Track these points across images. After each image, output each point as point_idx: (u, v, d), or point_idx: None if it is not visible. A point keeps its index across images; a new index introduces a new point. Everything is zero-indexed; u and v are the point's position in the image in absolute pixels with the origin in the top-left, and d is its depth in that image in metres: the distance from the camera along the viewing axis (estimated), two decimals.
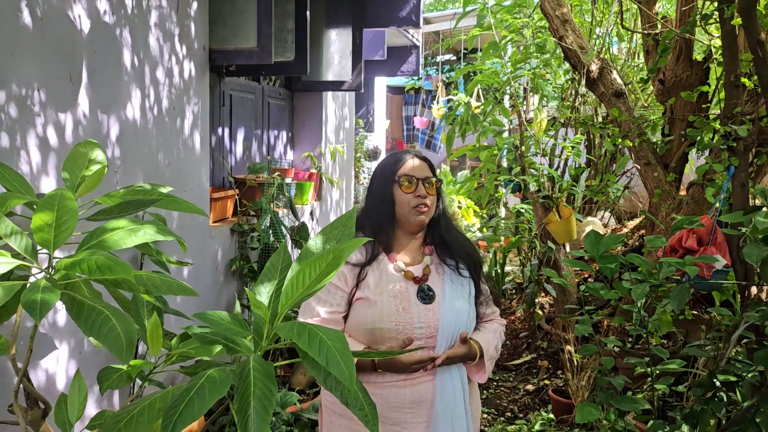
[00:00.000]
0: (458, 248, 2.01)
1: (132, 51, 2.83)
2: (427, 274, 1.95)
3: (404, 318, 1.86)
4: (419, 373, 1.88)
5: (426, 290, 1.92)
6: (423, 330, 1.87)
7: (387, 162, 2.03)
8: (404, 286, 1.91)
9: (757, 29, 2.44)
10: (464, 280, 1.98)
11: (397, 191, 1.95)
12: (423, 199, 1.94)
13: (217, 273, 3.71)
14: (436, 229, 2.02)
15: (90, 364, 2.59)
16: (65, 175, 1.88)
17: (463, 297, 1.95)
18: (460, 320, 1.91)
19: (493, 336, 2.02)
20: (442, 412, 1.88)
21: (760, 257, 1.82)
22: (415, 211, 1.94)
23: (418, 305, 1.89)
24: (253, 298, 1.46)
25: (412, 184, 1.94)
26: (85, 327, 1.33)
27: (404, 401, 1.88)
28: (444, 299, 1.91)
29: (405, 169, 1.97)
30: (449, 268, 1.98)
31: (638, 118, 3.91)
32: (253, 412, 1.26)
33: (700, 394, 2.23)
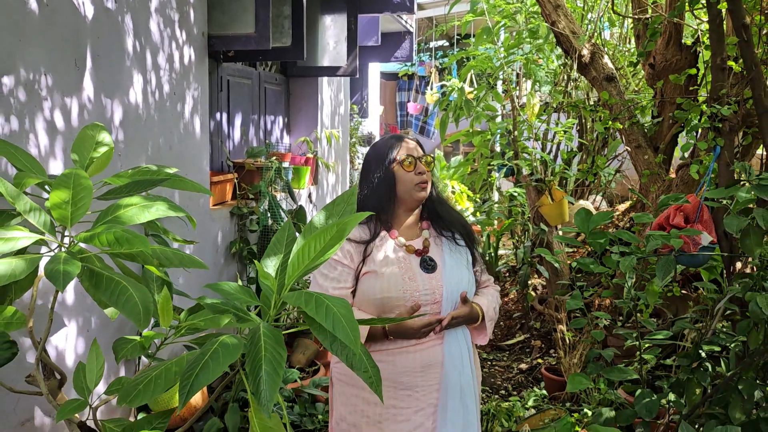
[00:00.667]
0: (452, 220, 2.15)
1: (134, 37, 2.89)
2: (427, 246, 2.07)
3: (411, 286, 1.97)
4: (428, 338, 2.00)
5: (428, 261, 2.04)
6: (428, 296, 1.98)
7: (383, 146, 2.12)
8: (406, 258, 2.03)
9: (742, 13, 2.52)
10: (461, 248, 2.12)
11: (399, 171, 2.05)
12: (423, 175, 2.05)
13: (217, 255, 3.78)
14: (431, 205, 2.14)
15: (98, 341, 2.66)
16: (74, 156, 1.95)
17: (462, 264, 2.08)
18: (462, 285, 2.04)
19: (492, 299, 2.15)
20: (451, 374, 2.01)
21: (739, 227, 1.91)
22: (418, 188, 2.05)
23: (422, 274, 2.00)
24: (262, 269, 1.54)
25: (411, 164, 2.05)
26: (104, 296, 1.41)
27: (415, 365, 1.99)
28: (445, 267, 2.04)
29: (405, 150, 2.08)
30: (446, 239, 2.11)
31: (628, 101, 3.99)
32: (265, 374, 1.34)
33: (687, 364, 2.33)
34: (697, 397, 2.29)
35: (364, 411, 2.02)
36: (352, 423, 2.05)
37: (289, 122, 5.51)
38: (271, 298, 1.53)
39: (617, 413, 2.33)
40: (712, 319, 2.48)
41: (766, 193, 1.88)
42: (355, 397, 2.04)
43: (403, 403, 1.99)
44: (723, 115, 2.49)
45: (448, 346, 2.02)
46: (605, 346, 3.84)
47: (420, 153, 2.10)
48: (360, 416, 2.03)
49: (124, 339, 1.70)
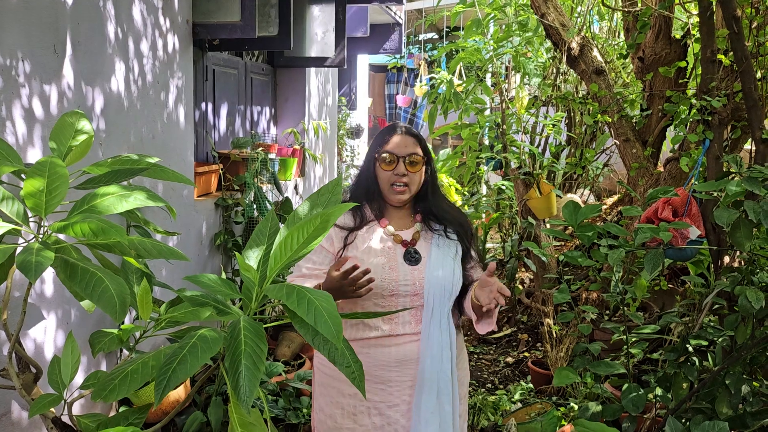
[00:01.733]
0: (449, 218, 2.04)
1: (116, 23, 2.83)
2: (416, 239, 2.00)
3: (390, 275, 1.91)
4: (405, 333, 1.94)
5: (412, 253, 1.96)
6: (408, 287, 1.92)
7: (379, 135, 2.06)
8: (392, 248, 1.96)
9: (733, 5, 2.50)
10: (451, 242, 2.02)
11: (378, 167, 1.99)
12: (401, 177, 1.96)
13: (201, 247, 3.73)
14: (424, 203, 2.05)
15: (77, 334, 2.61)
16: (53, 144, 1.89)
17: (449, 257, 1.98)
18: (446, 279, 1.95)
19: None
20: (429, 373, 1.92)
21: (730, 220, 1.89)
22: (392, 190, 1.97)
23: (404, 266, 1.94)
24: (243, 261, 1.50)
25: (392, 163, 1.96)
26: (79, 288, 1.36)
27: (390, 359, 1.94)
28: (430, 261, 1.96)
29: (388, 146, 1.99)
30: (436, 234, 2.02)
31: (617, 94, 3.98)
32: (244, 369, 1.31)
33: (674, 358, 2.31)
34: (684, 392, 2.27)
35: (339, 402, 1.98)
36: (328, 414, 2.02)
37: (275, 113, 5.45)
38: (253, 291, 1.50)
39: (604, 407, 2.31)
40: (700, 314, 2.47)
41: (756, 186, 1.86)
42: (332, 388, 2.00)
43: (377, 397, 1.94)
44: (713, 108, 2.47)
45: (428, 342, 1.93)
46: (592, 340, 3.83)
47: (409, 151, 1.98)
48: (336, 407, 2.00)
49: (101, 332, 1.66)
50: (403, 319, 1.95)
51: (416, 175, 1.99)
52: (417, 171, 1.99)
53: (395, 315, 1.93)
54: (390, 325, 1.94)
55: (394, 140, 2.00)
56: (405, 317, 1.95)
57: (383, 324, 1.94)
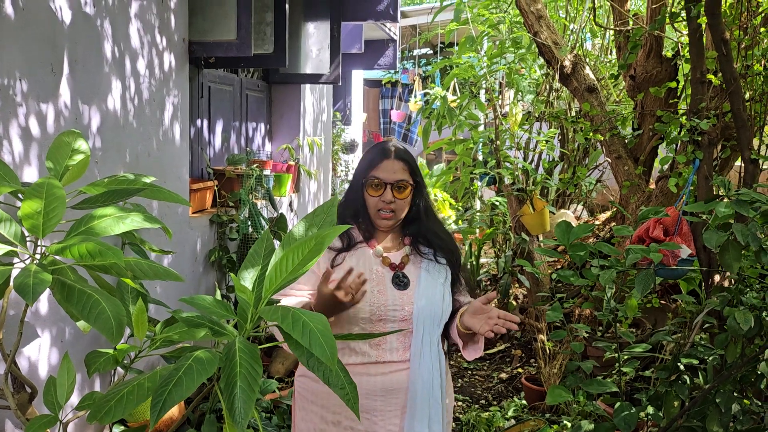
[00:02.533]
0: (439, 243, 2.01)
1: (113, 42, 2.86)
2: (404, 262, 1.97)
3: (378, 299, 1.87)
4: (392, 362, 1.89)
5: (401, 277, 1.93)
6: (397, 312, 1.88)
7: (367, 155, 2.01)
8: (381, 272, 1.93)
9: (722, 28, 2.54)
10: (441, 267, 1.98)
11: (365, 192, 1.95)
12: (388, 204, 1.92)
13: (196, 264, 3.74)
14: (415, 226, 2.01)
15: (72, 352, 2.61)
16: (49, 164, 1.91)
17: (438, 282, 1.95)
18: (435, 304, 1.91)
19: None
20: (420, 401, 1.88)
21: (719, 242, 1.92)
22: (378, 215, 1.94)
23: (392, 290, 1.90)
24: (238, 282, 1.51)
25: (379, 189, 1.92)
26: (75, 310, 1.37)
27: (376, 389, 1.88)
28: (419, 285, 1.92)
29: (376, 170, 1.94)
30: (426, 258, 1.98)
31: (609, 112, 4.02)
32: (239, 390, 1.32)
33: (665, 377, 2.33)
34: (675, 410, 2.29)
35: (322, 429, 1.92)
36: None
37: (270, 129, 5.48)
38: (248, 312, 1.51)
39: (596, 426, 2.32)
40: (691, 332, 2.49)
41: (744, 209, 1.88)
42: (314, 414, 1.94)
43: (361, 426, 1.88)
44: (702, 129, 2.51)
45: (418, 369, 1.88)
46: (585, 357, 3.85)
47: (398, 177, 1.92)
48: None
49: (96, 352, 1.67)
50: (390, 345, 1.90)
51: (404, 201, 1.95)
52: (405, 197, 1.95)
53: (382, 340, 1.89)
54: (377, 350, 1.89)
55: (383, 165, 1.94)
56: (393, 343, 1.90)
57: (370, 349, 1.89)
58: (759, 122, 2.79)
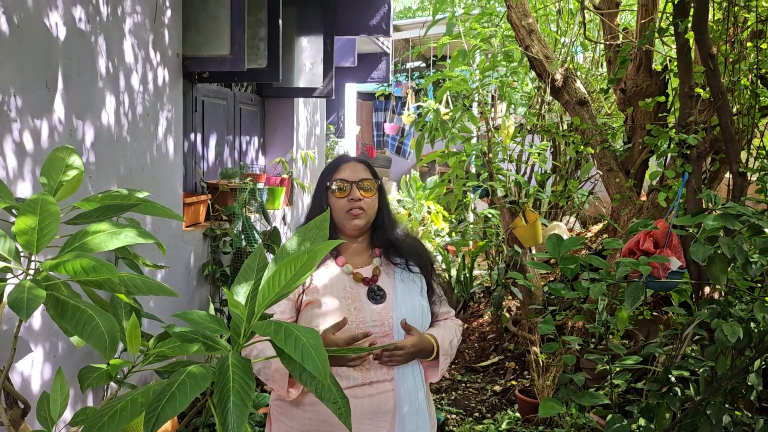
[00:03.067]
0: (407, 248, 2.00)
1: (107, 58, 2.87)
2: (377, 275, 1.94)
3: (357, 317, 1.85)
4: (378, 381, 1.86)
5: (376, 290, 1.91)
6: (377, 328, 1.86)
7: (326, 168, 2.02)
8: (354, 288, 1.90)
9: (709, 43, 2.58)
10: (415, 276, 1.97)
11: (331, 197, 1.94)
12: (357, 202, 1.91)
13: (189, 277, 3.74)
14: (381, 231, 2.00)
15: (65, 367, 2.61)
16: (43, 180, 1.92)
17: (415, 293, 1.94)
18: (415, 315, 1.89)
19: (449, 331, 1.98)
20: (407, 420, 1.86)
21: (705, 255, 1.94)
22: (349, 215, 1.92)
23: (369, 305, 1.88)
24: (231, 297, 1.52)
25: (345, 190, 1.92)
26: (69, 326, 1.38)
27: (363, 412, 1.84)
28: (396, 297, 1.90)
29: (337, 174, 1.95)
30: (399, 267, 1.97)
31: (600, 125, 4.06)
32: (233, 405, 1.33)
33: (656, 389, 2.35)
34: (667, 422, 2.30)
35: None
36: None
37: (264, 143, 5.50)
38: (241, 327, 1.52)
39: None
40: (682, 344, 2.51)
41: (730, 222, 1.91)
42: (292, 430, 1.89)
43: None
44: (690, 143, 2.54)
45: (401, 389, 1.86)
46: (579, 369, 3.86)
47: (360, 176, 1.94)
48: None
49: (90, 368, 1.67)
50: (375, 363, 1.86)
51: (371, 200, 1.94)
52: (371, 196, 1.94)
53: (367, 360, 1.84)
54: (362, 372, 1.85)
55: (345, 167, 1.96)
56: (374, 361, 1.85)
57: (354, 372, 1.85)
58: (747, 136, 2.82)
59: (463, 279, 6.03)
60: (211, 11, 3.58)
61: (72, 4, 2.62)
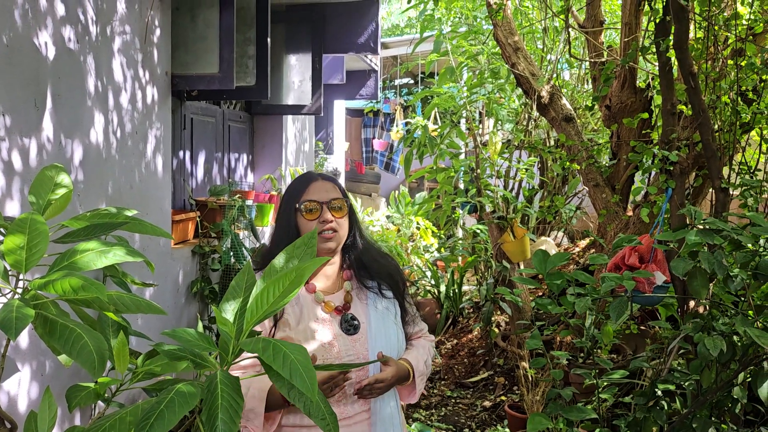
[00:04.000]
0: (378, 269, 1.93)
1: (96, 77, 2.89)
2: (348, 301, 1.88)
3: (331, 353, 1.78)
4: (354, 413, 1.82)
5: (350, 320, 1.84)
6: (352, 359, 1.79)
7: (291, 187, 1.92)
8: (327, 319, 1.83)
9: (690, 61, 2.63)
10: (388, 302, 1.91)
11: (301, 219, 1.85)
12: (328, 223, 1.83)
13: (178, 295, 3.74)
14: (353, 252, 1.94)
15: (52, 386, 2.60)
16: (32, 198, 1.92)
17: (389, 320, 1.88)
18: (390, 345, 1.84)
19: (422, 351, 1.95)
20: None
21: (685, 269, 1.97)
22: (321, 238, 1.82)
23: (343, 337, 1.81)
24: (219, 315, 1.53)
25: (315, 211, 1.83)
26: (58, 344, 1.38)
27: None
28: (370, 327, 1.84)
29: (306, 195, 1.86)
30: (371, 292, 1.90)
31: (586, 141, 4.10)
32: (221, 422, 1.33)
33: (643, 402, 2.36)
34: None
35: None
36: None
37: (253, 160, 5.52)
38: (230, 344, 1.53)
39: None
40: (668, 358, 2.54)
41: (710, 238, 1.94)
42: None
43: None
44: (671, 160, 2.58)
45: (378, 415, 1.81)
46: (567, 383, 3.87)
47: (330, 196, 1.85)
48: None
49: (77, 386, 1.67)
50: (351, 398, 1.80)
51: (343, 220, 1.86)
52: (343, 216, 1.87)
53: (342, 396, 1.78)
54: (337, 407, 1.78)
55: (313, 187, 1.87)
56: (352, 396, 1.80)
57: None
58: (729, 152, 2.87)
59: (453, 294, 6.05)
60: (200, 30, 3.61)
61: (61, 23, 2.64)
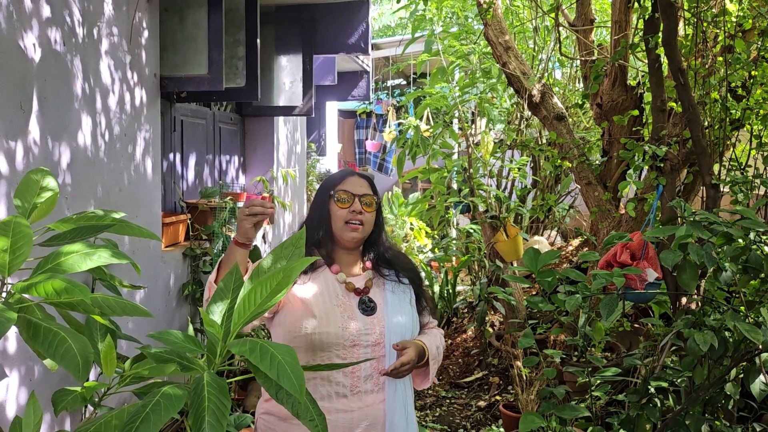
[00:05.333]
0: (397, 263, 2.05)
1: (83, 79, 2.87)
2: (369, 286, 1.98)
3: (350, 325, 1.87)
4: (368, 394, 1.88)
5: (367, 302, 1.94)
6: (370, 337, 1.88)
7: (330, 178, 2.05)
8: (346, 297, 1.93)
9: (679, 58, 2.63)
10: (405, 287, 2.02)
11: (333, 206, 1.96)
12: (357, 215, 1.94)
13: (169, 297, 3.72)
14: (375, 248, 2.04)
15: (41, 391, 2.58)
16: (17, 202, 1.90)
17: (405, 303, 1.98)
18: (405, 326, 1.94)
19: (435, 339, 2.04)
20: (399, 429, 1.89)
21: (674, 261, 1.96)
22: (348, 227, 1.94)
23: (360, 316, 1.91)
24: (206, 317, 1.52)
25: (347, 201, 1.95)
26: (41, 348, 1.37)
27: (353, 425, 1.85)
28: (387, 308, 1.94)
29: (342, 185, 1.98)
30: (388, 279, 2.01)
31: (577, 140, 4.10)
32: (207, 425, 1.32)
33: (636, 400, 2.36)
34: None
35: None
36: None
37: (244, 162, 5.50)
38: (217, 346, 1.51)
39: None
40: (660, 355, 2.53)
41: (699, 230, 1.93)
42: None
43: None
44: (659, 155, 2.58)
45: (393, 399, 1.89)
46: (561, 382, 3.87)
47: (363, 191, 1.98)
48: None
49: (64, 390, 1.65)
50: (365, 372, 1.88)
51: (370, 215, 1.98)
52: (371, 212, 1.98)
53: (357, 368, 1.87)
54: (352, 379, 1.87)
55: (349, 180, 2.00)
56: (367, 370, 1.89)
57: (344, 378, 1.87)
58: (719, 148, 2.87)
59: (447, 295, 6.04)
60: (189, 32, 3.59)
61: (47, 25, 2.62)
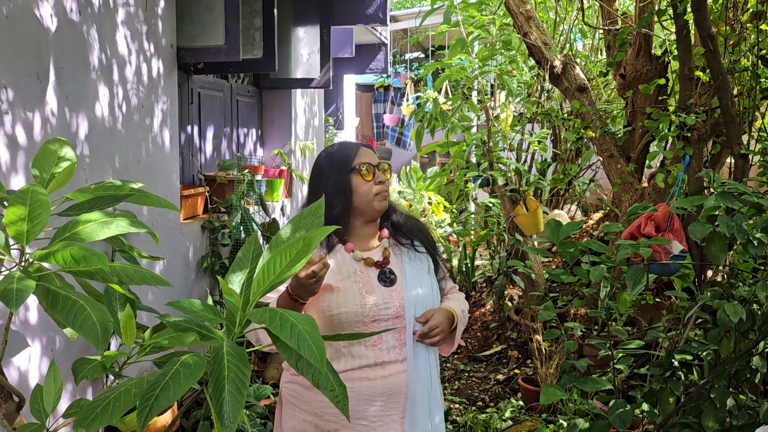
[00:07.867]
0: (411, 227, 2.04)
1: (99, 49, 2.84)
2: (387, 257, 1.96)
3: (368, 300, 1.85)
4: (391, 363, 1.87)
5: (387, 273, 1.92)
6: (389, 310, 1.87)
7: (338, 153, 1.98)
8: (364, 271, 1.91)
9: (708, 23, 2.55)
10: (422, 255, 2.00)
11: (357, 180, 1.92)
12: (383, 185, 1.93)
13: (188, 270, 3.72)
14: (387, 212, 2.03)
15: (62, 361, 2.60)
16: (35, 172, 1.89)
17: (423, 272, 1.97)
18: (426, 295, 1.93)
19: (459, 303, 2.04)
20: (420, 400, 1.88)
21: (703, 234, 1.91)
22: (379, 197, 1.92)
23: (380, 288, 1.89)
24: (226, 286, 1.50)
25: (370, 172, 1.92)
26: (60, 316, 1.36)
27: (375, 394, 1.85)
28: (405, 279, 1.92)
29: (361, 158, 1.94)
30: (405, 248, 2.00)
31: (600, 110, 4.02)
32: (227, 394, 1.31)
33: (659, 373, 2.32)
34: (671, 407, 2.28)
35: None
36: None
37: (262, 134, 5.47)
38: (236, 315, 1.50)
39: (591, 424, 2.31)
40: (684, 328, 2.49)
41: (729, 201, 1.88)
42: (305, 423, 1.89)
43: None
44: (688, 124, 2.51)
45: (415, 369, 1.88)
46: (581, 356, 3.84)
47: (377, 160, 1.97)
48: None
49: (84, 359, 1.65)
50: (387, 344, 1.88)
51: (389, 182, 2.01)
52: (390, 178, 2.00)
53: (378, 340, 1.86)
54: (374, 351, 1.86)
55: (362, 151, 1.96)
56: (389, 341, 1.88)
57: (367, 351, 1.86)
58: (748, 117, 2.79)
59: (465, 269, 6.01)
60: (205, 1, 3.54)
61: None
